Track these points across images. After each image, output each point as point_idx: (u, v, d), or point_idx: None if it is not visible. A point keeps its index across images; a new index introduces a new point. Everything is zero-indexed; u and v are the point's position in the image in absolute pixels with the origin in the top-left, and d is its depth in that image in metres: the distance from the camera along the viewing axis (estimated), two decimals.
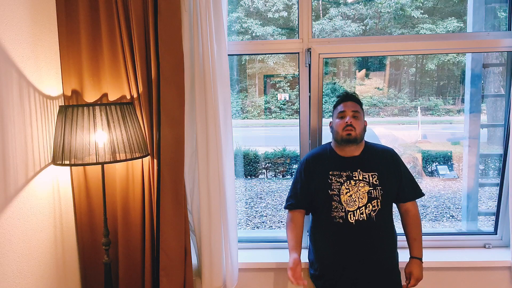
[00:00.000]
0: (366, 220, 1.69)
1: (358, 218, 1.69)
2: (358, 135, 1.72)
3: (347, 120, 1.73)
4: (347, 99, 1.80)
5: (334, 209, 1.72)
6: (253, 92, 6.11)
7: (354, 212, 1.70)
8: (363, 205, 1.70)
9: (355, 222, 1.69)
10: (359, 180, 1.73)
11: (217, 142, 1.83)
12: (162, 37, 1.73)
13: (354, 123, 1.72)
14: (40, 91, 1.66)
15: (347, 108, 1.76)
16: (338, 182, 1.74)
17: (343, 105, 1.78)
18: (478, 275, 2.06)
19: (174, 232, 1.83)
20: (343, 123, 1.74)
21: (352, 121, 1.72)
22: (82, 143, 1.55)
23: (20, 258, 1.49)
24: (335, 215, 1.72)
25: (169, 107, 1.77)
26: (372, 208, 1.70)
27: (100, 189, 1.87)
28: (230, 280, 1.95)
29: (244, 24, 5.58)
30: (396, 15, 5.63)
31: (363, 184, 1.73)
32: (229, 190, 1.93)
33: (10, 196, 1.45)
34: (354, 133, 1.71)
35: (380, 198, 1.71)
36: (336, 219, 1.71)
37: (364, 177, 1.74)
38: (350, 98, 1.80)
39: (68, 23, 1.80)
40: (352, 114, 1.74)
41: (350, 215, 1.70)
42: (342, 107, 1.78)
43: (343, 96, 1.82)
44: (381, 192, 1.72)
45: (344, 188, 1.72)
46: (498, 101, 2.78)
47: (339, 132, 1.75)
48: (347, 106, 1.77)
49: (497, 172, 2.29)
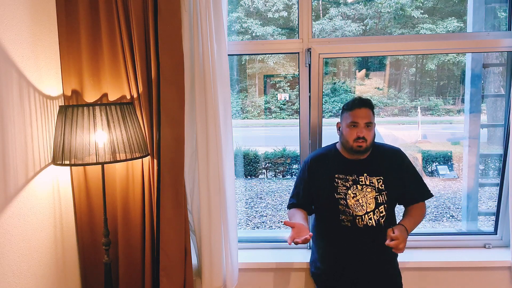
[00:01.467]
0: (375, 226, 1.68)
1: (367, 223, 1.67)
2: (369, 145, 1.67)
3: (359, 134, 1.64)
4: (360, 106, 1.67)
5: (342, 212, 1.70)
6: (253, 92, 6.10)
7: (362, 216, 1.68)
8: (371, 210, 1.68)
9: (364, 226, 1.68)
10: (366, 185, 1.71)
11: (217, 142, 1.83)
12: (162, 37, 1.73)
13: (366, 135, 1.65)
14: (40, 91, 1.66)
15: (360, 119, 1.65)
16: (344, 186, 1.71)
17: (356, 114, 1.66)
18: (478, 275, 2.06)
19: (174, 232, 1.83)
20: (354, 134, 1.66)
21: (364, 134, 1.64)
22: (82, 143, 1.55)
23: (20, 258, 1.49)
24: (343, 218, 1.70)
25: (169, 107, 1.77)
26: (381, 214, 1.68)
27: (100, 189, 1.87)
28: (230, 280, 1.95)
29: (244, 24, 5.58)
30: (396, 15, 5.63)
31: (370, 189, 1.70)
32: (229, 190, 1.93)
33: (10, 196, 1.45)
34: (366, 144, 1.66)
35: (386, 203, 1.70)
36: (344, 222, 1.70)
37: (371, 181, 1.71)
38: (363, 105, 1.67)
39: (68, 23, 1.80)
40: (364, 126, 1.65)
41: (358, 219, 1.68)
42: (355, 116, 1.66)
43: (356, 102, 1.68)
44: (386, 198, 1.70)
45: (350, 192, 1.70)
46: (498, 101, 2.78)
47: (349, 142, 1.68)
48: (361, 117, 1.65)
49: (497, 172, 2.29)
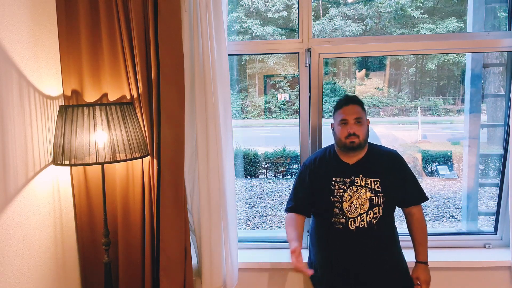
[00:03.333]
0: (367, 227, 1.67)
1: (359, 226, 1.67)
2: (362, 141, 1.68)
3: (349, 130, 1.67)
4: (348, 103, 1.72)
5: (335, 215, 1.70)
6: (253, 92, 6.11)
7: (355, 219, 1.68)
8: (364, 212, 1.68)
9: (355, 229, 1.67)
10: (361, 186, 1.70)
11: (217, 142, 1.83)
12: (162, 37, 1.73)
13: (357, 131, 1.67)
14: (40, 91, 1.66)
15: (349, 116, 1.68)
16: (341, 189, 1.71)
17: (344, 111, 1.70)
18: (478, 275, 2.06)
19: (174, 232, 1.83)
20: (345, 132, 1.68)
21: (354, 130, 1.67)
22: (82, 143, 1.55)
23: (20, 258, 1.49)
24: (335, 221, 1.70)
25: (169, 107, 1.77)
26: (373, 215, 1.68)
27: (100, 189, 1.87)
28: (230, 280, 1.95)
29: (244, 24, 5.58)
30: (396, 15, 5.63)
31: (365, 190, 1.69)
32: (229, 190, 1.93)
33: (10, 196, 1.45)
34: (358, 140, 1.67)
35: (382, 205, 1.69)
36: (337, 225, 1.69)
37: (367, 182, 1.70)
38: (351, 101, 1.72)
39: (68, 23, 1.80)
40: (354, 122, 1.68)
41: (350, 222, 1.68)
42: (343, 114, 1.70)
43: (343, 100, 1.74)
44: (383, 199, 1.69)
45: (346, 194, 1.69)
46: (498, 101, 2.77)
47: (342, 140, 1.70)
48: (349, 113, 1.69)
49: (497, 172, 2.29)
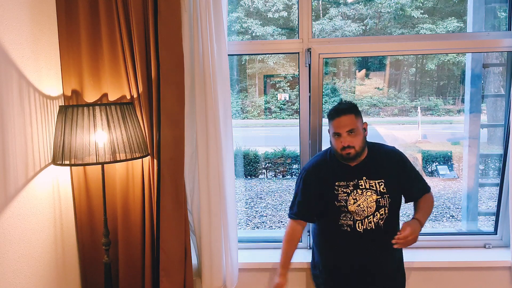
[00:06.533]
0: (375, 229, 1.67)
1: (366, 227, 1.67)
2: (359, 150, 1.63)
3: (343, 144, 1.61)
4: (339, 114, 1.62)
5: (343, 217, 1.69)
6: (253, 92, 6.10)
7: (362, 221, 1.67)
8: (371, 213, 1.67)
9: (363, 230, 1.67)
10: (366, 188, 1.68)
11: (217, 142, 1.83)
12: (162, 37, 1.73)
13: (351, 142, 1.61)
14: (40, 91, 1.66)
15: (341, 129, 1.61)
16: (345, 192, 1.69)
17: (336, 124, 1.63)
18: (478, 275, 2.06)
19: (174, 232, 1.83)
20: (339, 144, 1.63)
21: (348, 142, 1.61)
22: (82, 143, 1.55)
23: (20, 258, 1.49)
24: (342, 223, 1.69)
25: (169, 107, 1.77)
26: (380, 216, 1.68)
27: (100, 189, 1.87)
28: (230, 280, 1.95)
29: (244, 24, 5.58)
30: (396, 15, 5.63)
31: (370, 192, 1.68)
32: (229, 190, 1.93)
33: (10, 196, 1.45)
34: (354, 150, 1.62)
35: (388, 206, 1.68)
36: (344, 227, 1.69)
37: (371, 185, 1.69)
38: (342, 113, 1.62)
39: (68, 23, 1.80)
40: (347, 134, 1.61)
41: (358, 223, 1.67)
42: (336, 127, 1.63)
43: (334, 112, 1.65)
44: (389, 200, 1.68)
45: (351, 198, 1.68)
46: (498, 101, 2.78)
47: (337, 151, 1.66)
48: (341, 126, 1.61)
49: (497, 172, 2.29)
